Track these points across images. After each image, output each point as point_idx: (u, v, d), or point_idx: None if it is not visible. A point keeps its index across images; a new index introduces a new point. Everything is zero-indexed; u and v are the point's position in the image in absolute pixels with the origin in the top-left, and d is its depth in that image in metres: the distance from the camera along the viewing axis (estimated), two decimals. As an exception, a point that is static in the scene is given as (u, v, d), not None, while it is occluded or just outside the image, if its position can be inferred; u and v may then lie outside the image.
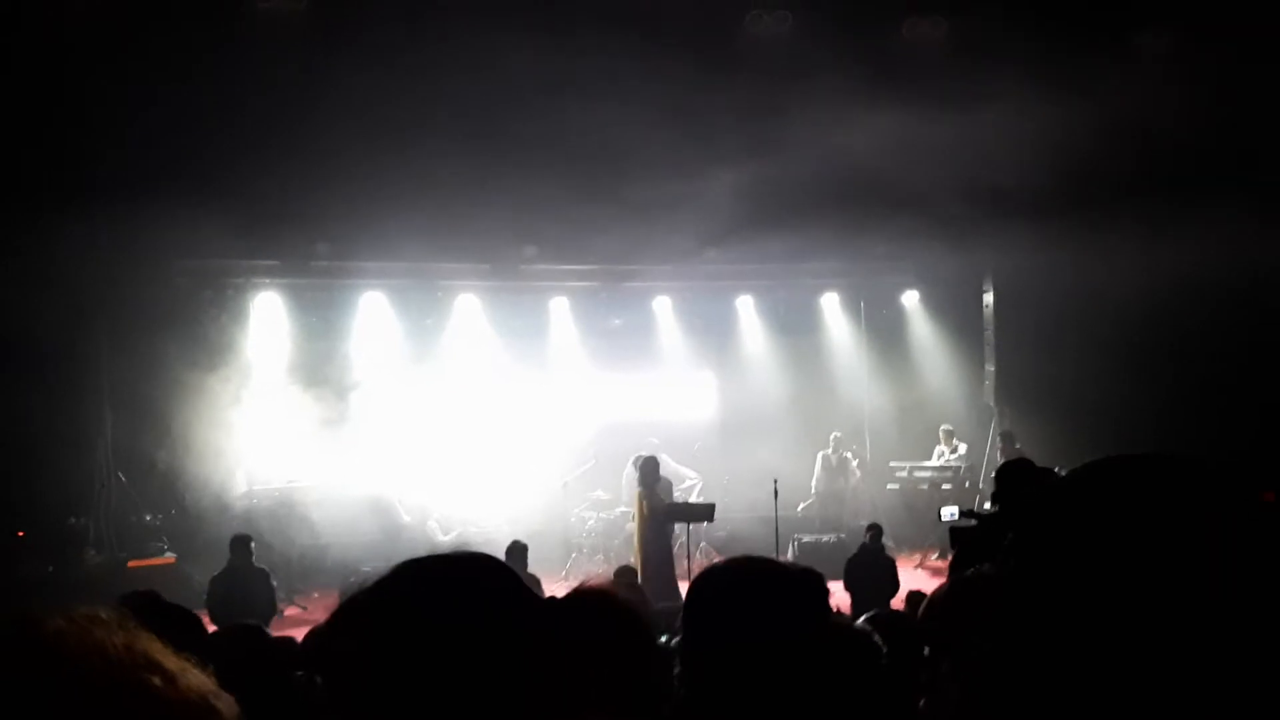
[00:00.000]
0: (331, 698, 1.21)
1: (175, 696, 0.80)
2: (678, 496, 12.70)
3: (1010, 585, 1.02)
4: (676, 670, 2.21)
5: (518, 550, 9.39)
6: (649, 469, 11.12)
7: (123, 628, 0.82)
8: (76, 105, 9.84)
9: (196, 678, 0.83)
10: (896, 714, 2.75)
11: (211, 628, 5.72)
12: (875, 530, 9.87)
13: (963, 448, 15.07)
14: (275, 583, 9.60)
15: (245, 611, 7.84)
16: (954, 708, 2.14)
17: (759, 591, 1.84)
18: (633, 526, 11.57)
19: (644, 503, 10.95)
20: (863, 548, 9.70)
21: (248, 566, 9.42)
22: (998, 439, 14.53)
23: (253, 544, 9.66)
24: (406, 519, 13.36)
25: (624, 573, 8.90)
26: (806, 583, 1.91)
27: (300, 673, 3.69)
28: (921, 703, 3.01)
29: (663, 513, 11.03)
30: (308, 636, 5.14)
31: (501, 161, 11.15)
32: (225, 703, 0.84)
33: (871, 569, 9.30)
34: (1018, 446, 13.81)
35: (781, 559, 2.01)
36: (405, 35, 9.84)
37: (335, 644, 1.21)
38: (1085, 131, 10.45)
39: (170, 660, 0.82)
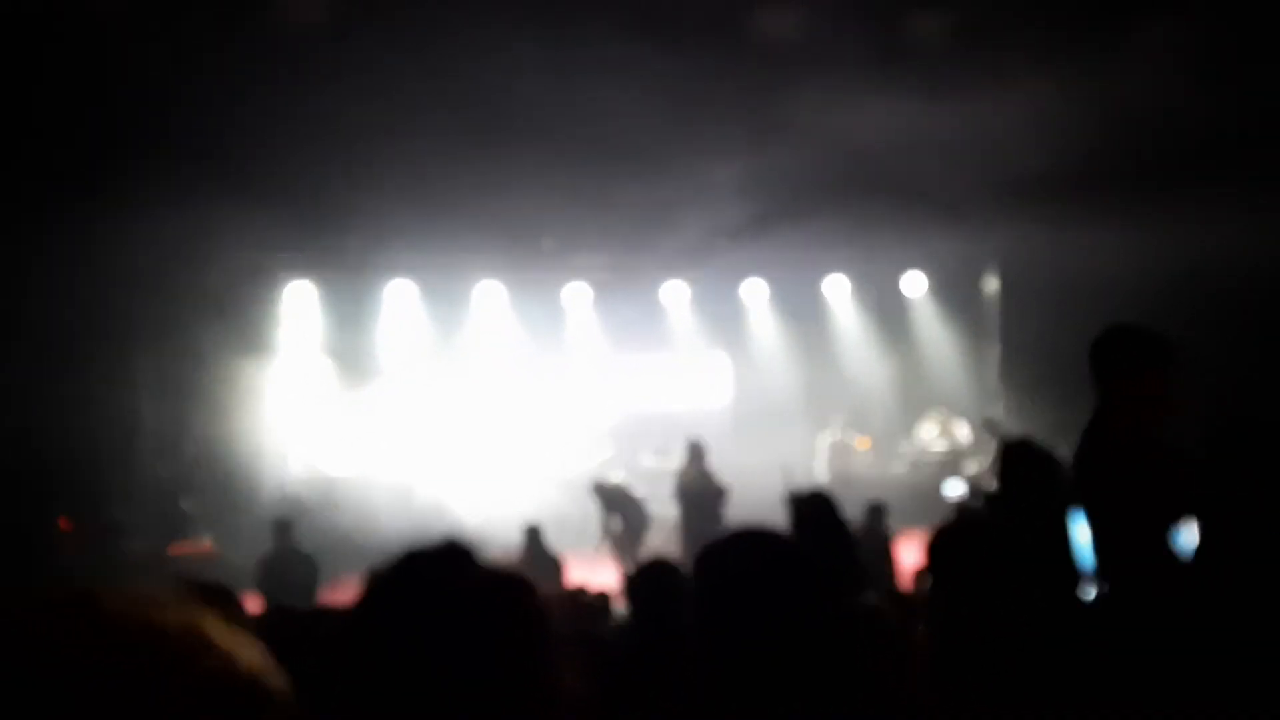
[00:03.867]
0: (340, 684, 1.23)
1: (229, 676, 0.80)
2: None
3: None
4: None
5: (533, 532, 9.39)
6: (693, 454, 11.22)
7: (179, 607, 0.82)
8: (111, 100, 9.85)
9: (250, 656, 0.83)
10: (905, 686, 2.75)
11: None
12: (875, 510, 9.77)
13: (964, 429, 15.02)
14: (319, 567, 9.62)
15: (290, 593, 7.91)
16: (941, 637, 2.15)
17: (765, 566, 1.81)
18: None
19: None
20: (863, 527, 9.62)
21: (292, 550, 9.49)
22: (983, 425, 14.47)
23: (293, 527, 9.73)
24: (433, 505, 13.40)
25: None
26: (808, 554, 1.90)
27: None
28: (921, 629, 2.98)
29: (679, 494, 11.08)
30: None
31: (520, 155, 11.13)
32: (279, 682, 0.84)
33: (872, 547, 9.24)
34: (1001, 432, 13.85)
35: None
36: (431, 32, 9.82)
37: (342, 634, 1.24)
38: (1091, 117, 10.34)
39: (225, 640, 0.82)
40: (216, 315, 12.84)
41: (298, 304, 14.50)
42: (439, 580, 1.23)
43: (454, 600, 1.21)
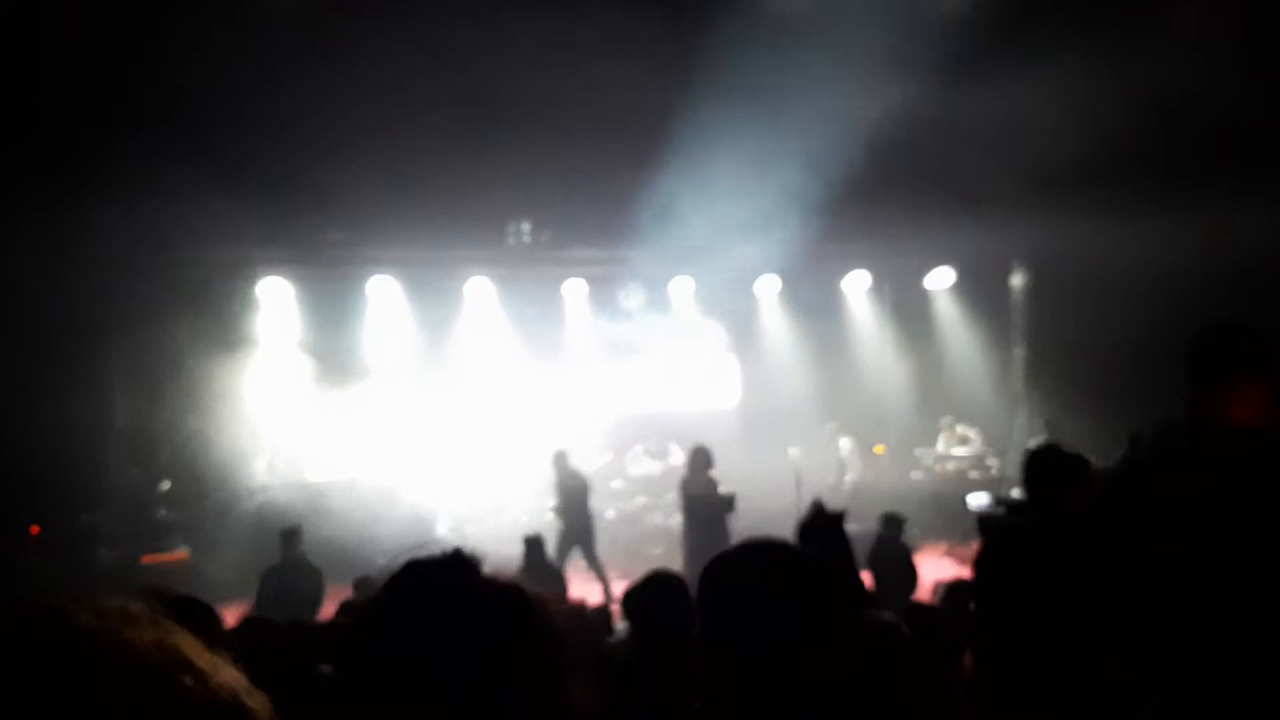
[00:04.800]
0: (342, 691, 1.25)
1: (207, 696, 0.79)
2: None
3: None
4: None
5: (534, 543, 9.41)
6: (697, 459, 11.21)
7: (153, 624, 0.81)
8: (87, 93, 9.87)
9: (229, 675, 0.82)
10: (927, 703, 2.75)
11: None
12: (891, 520, 9.80)
13: (974, 435, 15.03)
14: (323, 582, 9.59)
15: (294, 605, 7.90)
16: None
17: (772, 579, 1.81)
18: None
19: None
20: (879, 538, 9.65)
21: (298, 560, 9.49)
22: (1043, 426, 14.39)
23: (301, 535, 9.72)
24: (420, 512, 13.39)
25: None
26: (819, 566, 1.90)
27: (324, 666, 3.71)
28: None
29: (684, 503, 11.07)
30: (325, 628, 5.18)
31: (515, 145, 11.14)
32: (258, 701, 0.83)
33: (890, 559, 9.27)
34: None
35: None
36: (416, 17, 9.83)
37: (345, 646, 1.26)
38: (1120, 109, 10.33)
39: (202, 658, 0.81)
40: (193, 312, 12.84)
41: (276, 300, 14.51)
42: (447, 591, 1.24)
43: (463, 611, 1.22)
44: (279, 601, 8.50)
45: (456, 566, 1.27)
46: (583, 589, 11.37)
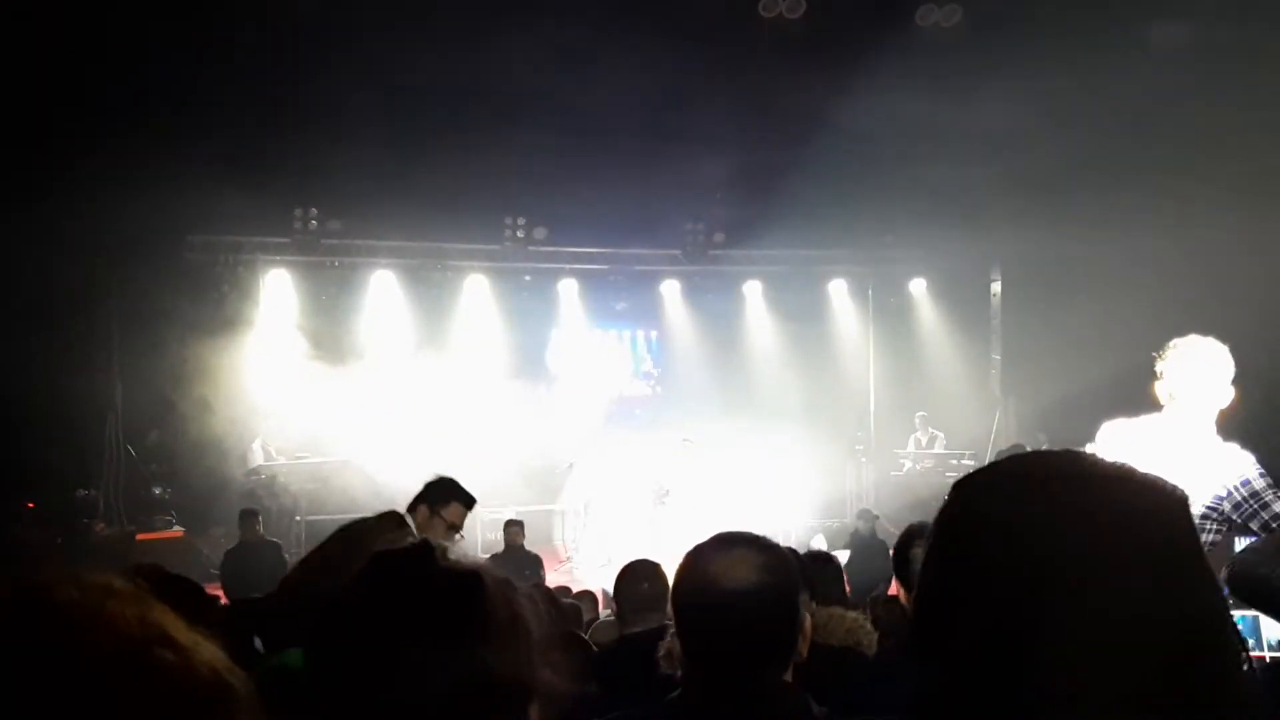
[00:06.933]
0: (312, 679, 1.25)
1: (188, 671, 0.78)
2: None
3: None
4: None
5: (511, 527, 9.62)
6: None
7: (136, 599, 0.80)
8: (90, 78, 9.81)
9: (210, 652, 0.81)
10: (895, 691, 2.75)
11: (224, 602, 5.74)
12: (866, 515, 9.90)
13: (940, 436, 15.07)
14: (288, 556, 9.63)
15: (258, 585, 7.90)
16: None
17: (740, 570, 1.79)
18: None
19: None
20: (856, 533, 9.72)
21: (258, 539, 9.49)
22: (1041, 437, 14.36)
23: (259, 517, 9.73)
24: (399, 494, 13.33)
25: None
26: (790, 559, 1.90)
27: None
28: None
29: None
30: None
31: (511, 142, 11.12)
32: (238, 678, 0.83)
33: (865, 554, 9.33)
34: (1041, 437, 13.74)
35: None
36: (417, 10, 9.79)
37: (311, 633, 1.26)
38: (1097, 118, 10.35)
39: (183, 634, 0.80)
40: (194, 293, 12.80)
41: (276, 289, 14.47)
42: (406, 579, 1.23)
43: (420, 598, 1.21)
44: (241, 580, 8.54)
45: (418, 556, 1.26)
46: (575, 577, 11.39)
